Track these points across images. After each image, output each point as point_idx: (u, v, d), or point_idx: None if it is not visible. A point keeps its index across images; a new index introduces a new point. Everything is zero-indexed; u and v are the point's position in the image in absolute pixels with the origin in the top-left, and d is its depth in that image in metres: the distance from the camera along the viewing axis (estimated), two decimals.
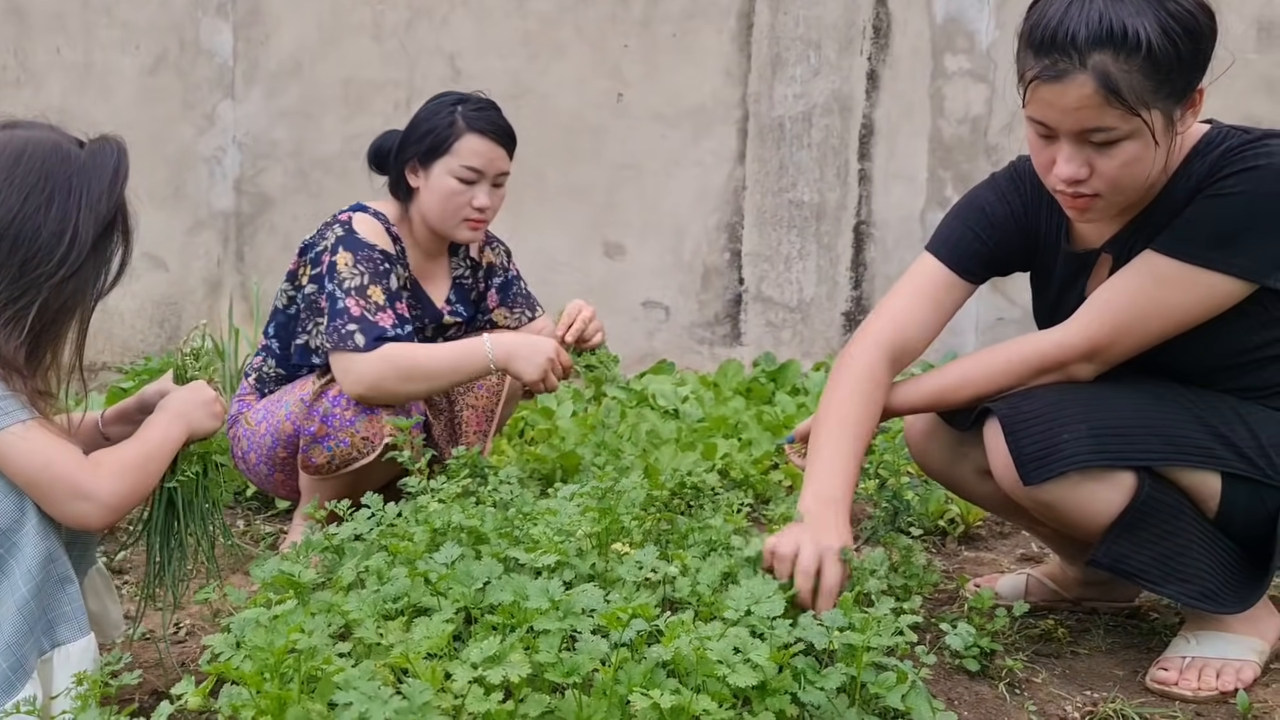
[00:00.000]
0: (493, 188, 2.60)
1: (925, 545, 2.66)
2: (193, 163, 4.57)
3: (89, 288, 1.62)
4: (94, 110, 4.54)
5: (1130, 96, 1.60)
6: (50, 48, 4.53)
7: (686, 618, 1.30)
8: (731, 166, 4.59)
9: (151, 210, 4.58)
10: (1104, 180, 1.69)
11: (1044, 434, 1.77)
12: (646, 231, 4.61)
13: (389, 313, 2.42)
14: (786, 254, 4.62)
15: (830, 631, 1.34)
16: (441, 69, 4.55)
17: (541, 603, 1.21)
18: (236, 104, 4.56)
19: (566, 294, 4.63)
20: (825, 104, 4.55)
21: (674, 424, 3.45)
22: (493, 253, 2.84)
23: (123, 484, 1.62)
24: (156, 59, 4.54)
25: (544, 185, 4.59)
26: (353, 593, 1.39)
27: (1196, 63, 1.64)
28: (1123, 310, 1.78)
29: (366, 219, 2.55)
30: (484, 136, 2.56)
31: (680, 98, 4.57)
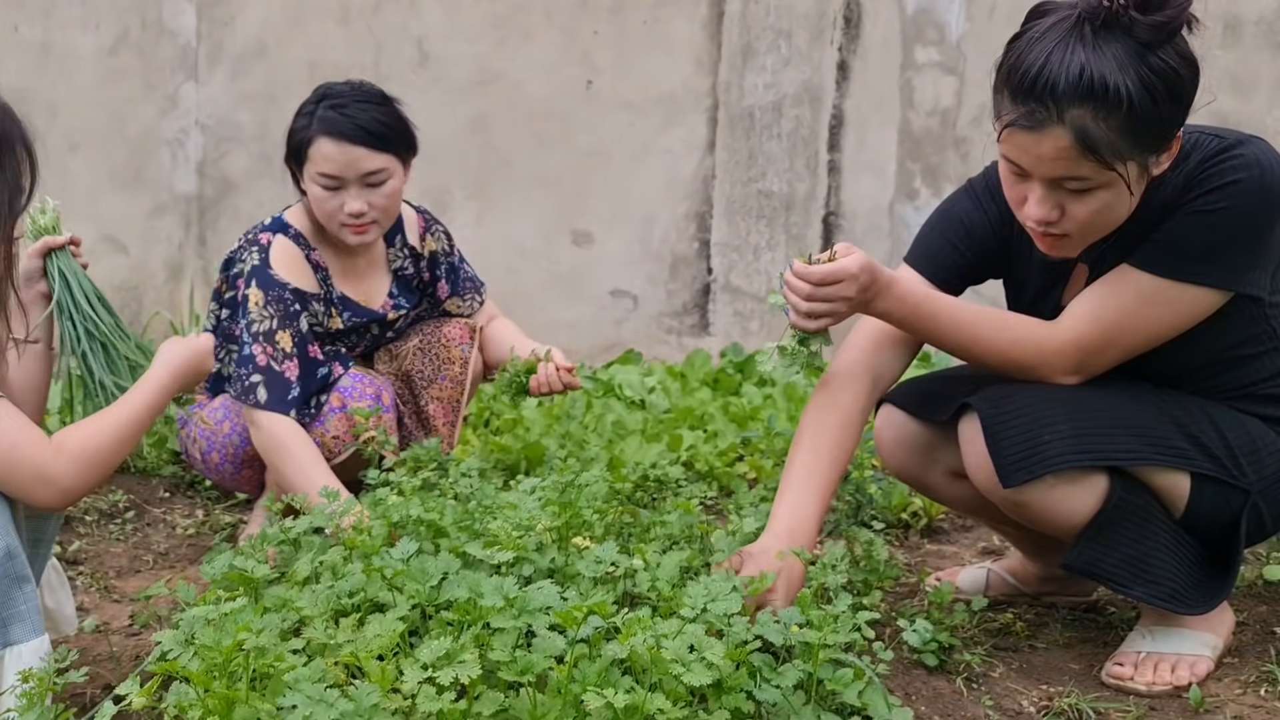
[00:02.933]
0: (368, 187, 2.42)
1: (888, 538, 2.67)
2: (154, 145, 4.50)
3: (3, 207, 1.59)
4: (53, 90, 4.46)
5: (1106, 152, 1.59)
6: (8, 25, 4.44)
7: (644, 614, 1.29)
8: (701, 155, 4.57)
9: (112, 193, 4.52)
10: (1075, 223, 1.69)
11: (1025, 435, 1.78)
12: (615, 220, 4.59)
13: (294, 362, 2.39)
14: (755, 244, 4.61)
15: (786, 629, 1.34)
16: (409, 52, 4.51)
17: (496, 600, 1.19)
18: (199, 86, 4.49)
19: (534, 282, 4.63)
20: (796, 94, 4.54)
21: (640, 415, 3.44)
22: (434, 239, 2.74)
23: (86, 470, 1.60)
24: (117, 38, 4.46)
25: (512, 172, 4.55)
26: (307, 589, 1.37)
27: (1176, 118, 1.63)
28: (1111, 325, 1.78)
29: (283, 245, 2.48)
30: (335, 139, 2.38)
31: (650, 86, 4.54)
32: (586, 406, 3.54)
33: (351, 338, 2.61)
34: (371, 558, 1.41)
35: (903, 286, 1.83)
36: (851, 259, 1.74)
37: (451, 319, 2.75)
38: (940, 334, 1.85)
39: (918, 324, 1.85)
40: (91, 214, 4.50)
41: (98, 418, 1.66)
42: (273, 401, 2.34)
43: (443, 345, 2.68)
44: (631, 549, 1.83)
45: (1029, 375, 1.85)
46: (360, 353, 2.67)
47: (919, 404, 2.05)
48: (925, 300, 1.85)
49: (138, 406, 1.69)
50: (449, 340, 2.68)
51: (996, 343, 1.85)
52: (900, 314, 1.83)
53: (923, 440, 2.05)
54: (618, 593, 1.58)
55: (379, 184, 2.43)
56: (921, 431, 2.05)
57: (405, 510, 1.68)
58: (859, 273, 1.74)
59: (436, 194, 4.56)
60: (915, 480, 2.14)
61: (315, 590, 1.35)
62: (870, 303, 1.79)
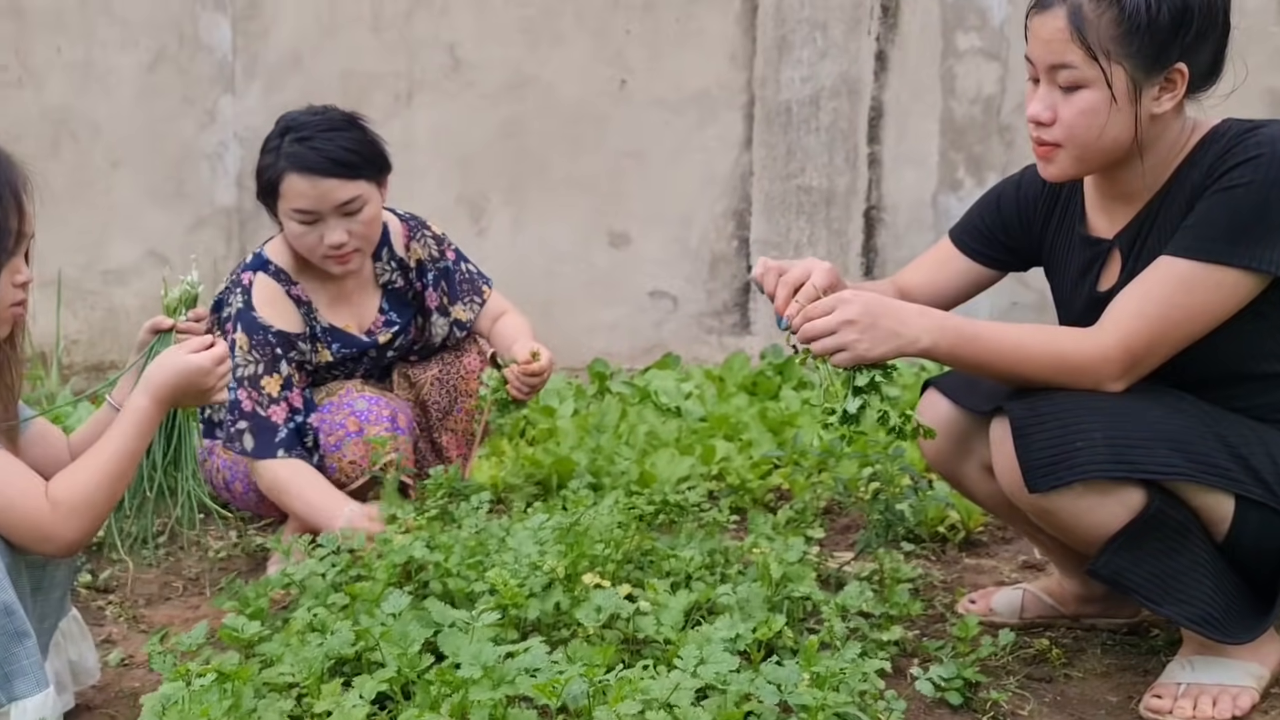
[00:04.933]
0: (344, 217, 2.37)
1: (924, 551, 2.60)
2: (194, 159, 4.54)
3: None
4: (95, 109, 4.52)
5: (1094, 39, 1.65)
6: (51, 46, 4.50)
7: (636, 673, 1.25)
8: (738, 152, 4.50)
9: (154, 208, 4.57)
10: (1063, 128, 1.71)
11: (1057, 440, 1.71)
12: (652, 220, 4.53)
13: (282, 406, 2.38)
14: (796, 240, 4.53)
15: (785, 689, 1.29)
16: (441, 59, 4.48)
17: (473, 671, 1.16)
18: (236, 99, 4.51)
19: (572, 285, 4.60)
20: (833, 87, 4.44)
21: (675, 423, 3.40)
22: (420, 246, 2.65)
23: (82, 520, 1.60)
24: (156, 55, 4.50)
25: (547, 175, 4.52)
26: (290, 649, 1.35)
27: (1176, 34, 1.64)
28: (1155, 318, 1.72)
29: (264, 284, 2.45)
30: (304, 174, 2.32)
31: (684, 83, 4.47)
32: (621, 415, 3.50)
33: (347, 365, 2.58)
34: (360, 616, 1.38)
35: (938, 314, 1.79)
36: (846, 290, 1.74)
37: (471, 350, 2.71)
38: (988, 356, 1.78)
39: (969, 349, 1.77)
40: (135, 229, 4.56)
41: (87, 461, 1.64)
42: (260, 448, 2.34)
43: (461, 377, 2.65)
44: (644, 583, 1.79)
45: (1079, 384, 1.78)
46: (362, 375, 2.64)
47: (963, 391, 2.00)
48: (967, 325, 1.79)
49: (124, 443, 1.66)
50: (467, 372, 2.65)
51: (1044, 356, 1.77)
52: (947, 343, 1.76)
53: (961, 429, 2.00)
54: (616, 642, 1.54)
55: (355, 212, 2.38)
56: (961, 420, 2.00)
57: (407, 554, 1.66)
58: (853, 296, 1.72)
59: (472, 199, 4.55)
60: (949, 472, 2.09)
61: (300, 652, 1.33)
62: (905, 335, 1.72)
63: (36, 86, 4.51)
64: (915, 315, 1.74)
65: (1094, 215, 1.92)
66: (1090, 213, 1.93)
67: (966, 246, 2.09)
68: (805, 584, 1.74)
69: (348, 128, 2.44)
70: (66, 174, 4.55)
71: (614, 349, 4.54)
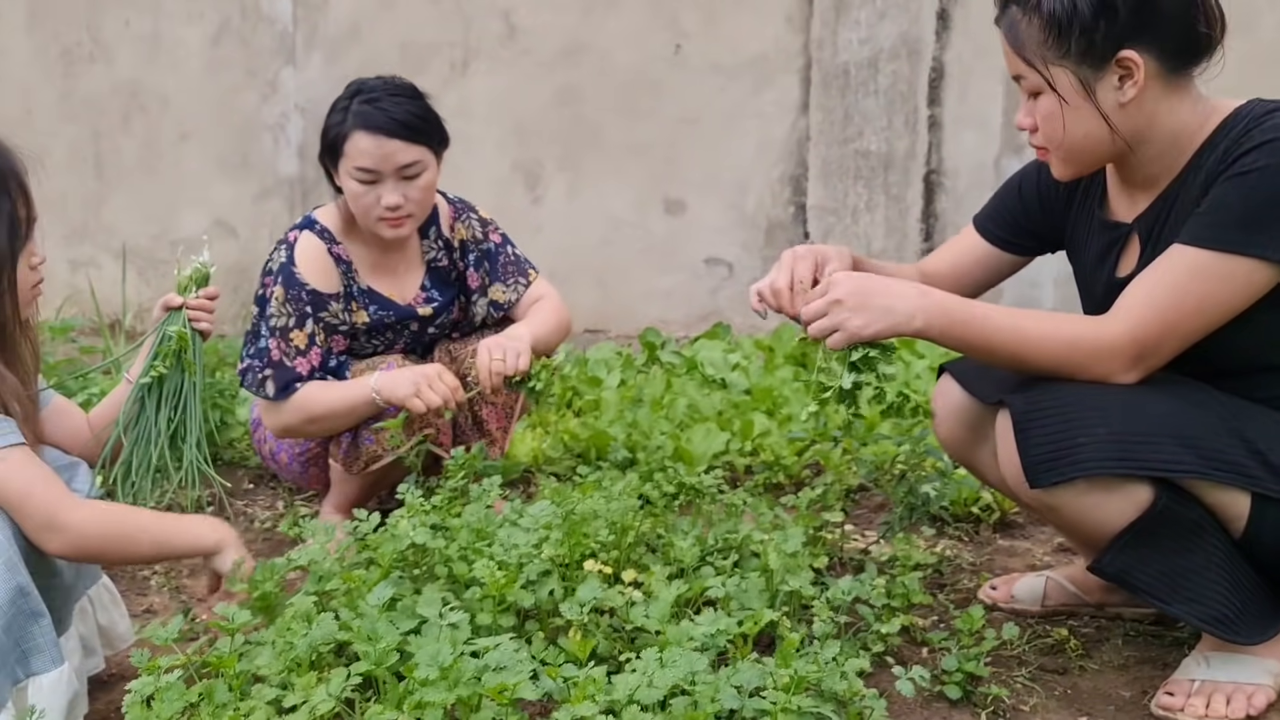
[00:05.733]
0: (403, 180, 2.42)
1: (957, 534, 2.57)
2: (257, 131, 4.63)
3: (4, 246, 1.64)
4: (164, 82, 4.64)
5: (1028, 48, 1.67)
6: (120, 21, 4.62)
7: (599, 673, 1.27)
8: (795, 117, 4.43)
9: (221, 179, 4.69)
10: (1040, 134, 1.72)
11: (1059, 434, 1.67)
12: (708, 187, 4.50)
13: (305, 359, 2.45)
14: (854, 206, 4.46)
15: (743, 694, 1.29)
16: (497, 26, 4.49)
17: (430, 671, 1.19)
18: (297, 70, 4.59)
19: (628, 252, 4.59)
20: (892, 48, 4.33)
21: (718, 395, 3.39)
22: (464, 227, 2.69)
23: (97, 531, 1.67)
24: (220, 28, 4.60)
25: (602, 142, 4.51)
26: (280, 641, 1.40)
27: (1102, 24, 1.61)
28: (1166, 308, 1.66)
29: (308, 243, 2.50)
30: (371, 133, 2.38)
31: (740, 47, 4.41)
32: (666, 386, 3.50)
33: (387, 335, 2.62)
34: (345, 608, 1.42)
35: (937, 295, 1.74)
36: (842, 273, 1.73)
37: (513, 326, 2.73)
38: (988, 339, 1.72)
39: (963, 331, 1.72)
40: (203, 200, 4.69)
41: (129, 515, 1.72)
42: (280, 392, 2.43)
43: None
44: (646, 566, 1.81)
45: (1086, 376, 1.72)
46: (403, 349, 2.68)
47: (975, 378, 1.97)
48: (965, 307, 1.74)
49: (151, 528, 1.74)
50: None
51: (1048, 343, 1.72)
52: (941, 325, 1.72)
53: (974, 416, 1.98)
54: (607, 633, 1.56)
55: (414, 176, 2.43)
56: (973, 407, 1.97)
57: (403, 542, 1.69)
58: (843, 278, 1.71)
59: (528, 167, 4.57)
60: (964, 457, 2.07)
61: (279, 644, 1.37)
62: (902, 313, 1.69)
63: (107, 60, 4.65)
64: (912, 295, 1.71)
65: (1115, 199, 1.86)
66: (1111, 196, 1.87)
67: (989, 233, 2.06)
68: (802, 575, 1.73)
69: (414, 95, 2.50)
70: (137, 146, 4.70)
71: (669, 316, 4.54)
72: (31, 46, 4.64)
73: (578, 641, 1.36)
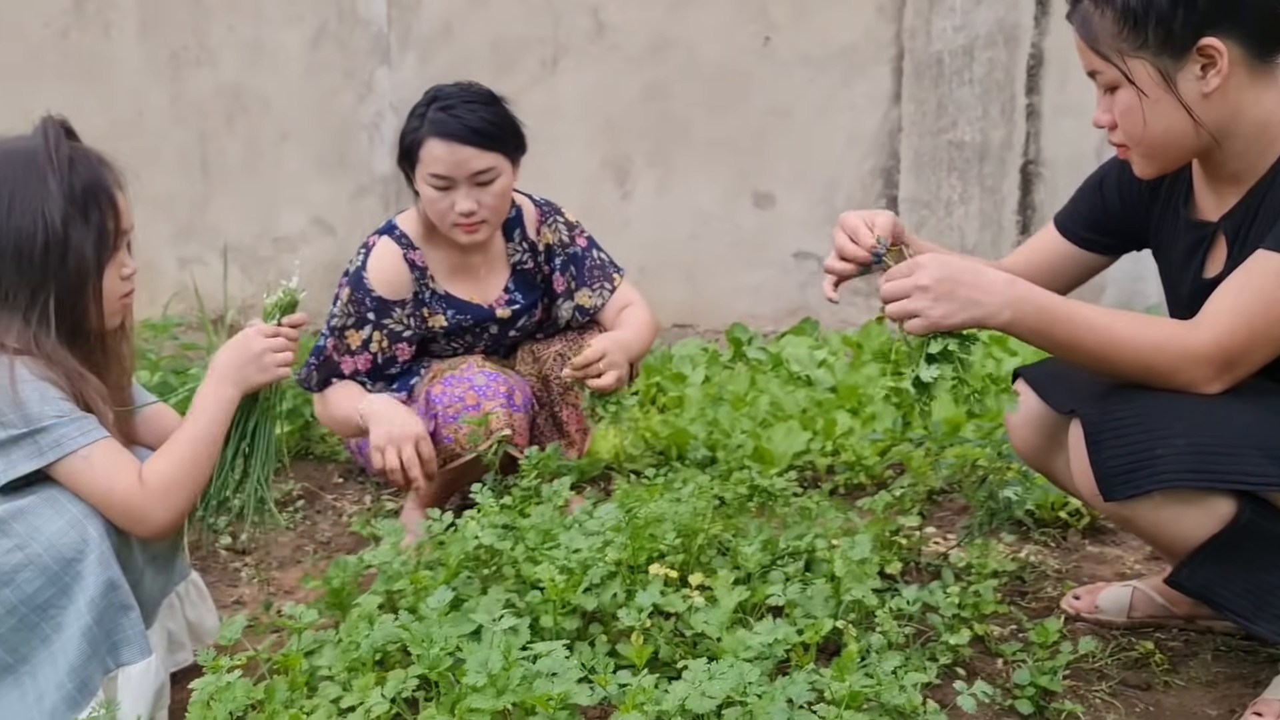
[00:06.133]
0: (476, 187, 2.45)
1: (1043, 539, 2.50)
2: (354, 130, 4.74)
3: (90, 259, 1.68)
4: (265, 84, 4.78)
5: (1103, 42, 1.61)
6: (224, 26, 4.77)
7: (648, 683, 1.27)
8: (886, 108, 4.35)
9: (319, 178, 4.81)
10: (1120, 130, 1.66)
11: (1134, 445, 1.61)
12: (797, 180, 4.46)
13: (352, 359, 2.54)
14: (947, 198, 4.36)
15: (793, 708, 1.27)
16: (585, 23, 4.51)
17: (478, 678, 1.21)
18: (392, 70, 4.68)
19: (716, 247, 4.58)
20: (988, 35, 4.22)
21: (803, 393, 3.36)
22: (550, 231, 2.70)
23: (173, 501, 1.72)
24: (318, 31, 4.71)
25: (690, 137, 4.50)
26: (345, 640, 1.43)
27: (1188, 15, 1.55)
28: (1254, 314, 1.59)
29: (384, 250, 2.55)
30: (445, 140, 2.41)
31: (830, 38, 4.35)
32: (750, 383, 3.48)
33: (466, 337, 2.66)
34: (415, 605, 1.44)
35: (1023, 287, 1.65)
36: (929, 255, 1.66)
37: (595, 328, 2.74)
38: (1077, 338, 1.65)
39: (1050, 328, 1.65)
40: (302, 199, 4.82)
41: (169, 448, 1.76)
42: (320, 384, 2.55)
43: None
44: (714, 570, 1.80)
45: (1171, 384, 1.66)
46: (484, 351, 2.72)
47: (1049, 385, 1.90)
48: (1055, 303, 1.66)
49: (197, 428, 1.78)
50: None
51: (1134, 347, 1.65)
52: (1028, 321, 1.64)
53: (1048, 423, 1.91)
54: (669, 638, 1.56)
55: (488, 183, 2.46)
56: (1048, 414, 1.90)
57: (478, 539, 1.72)
58: (929, 261, 1.62)
59: (617, 163, 4.58)
60: (1040, 465, 2.01)
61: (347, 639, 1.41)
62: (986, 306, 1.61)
63: (212, 64, 4.80)
64: (1001, 285, 1.62)
65: (1201, 197, 1.78)
66: (1197, 194, 1.79)
67: (1070, 232, 1.99)
68: (867, 583, 1.71)
69: (490, 102, 2.53)
70: (240, 147, 4.85)
71: (758, 311, 4.51)
72: (143, 53, 4.82)
73: (636, 647, 1.36)
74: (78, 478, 1.65)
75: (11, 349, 1.62)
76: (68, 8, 4.85)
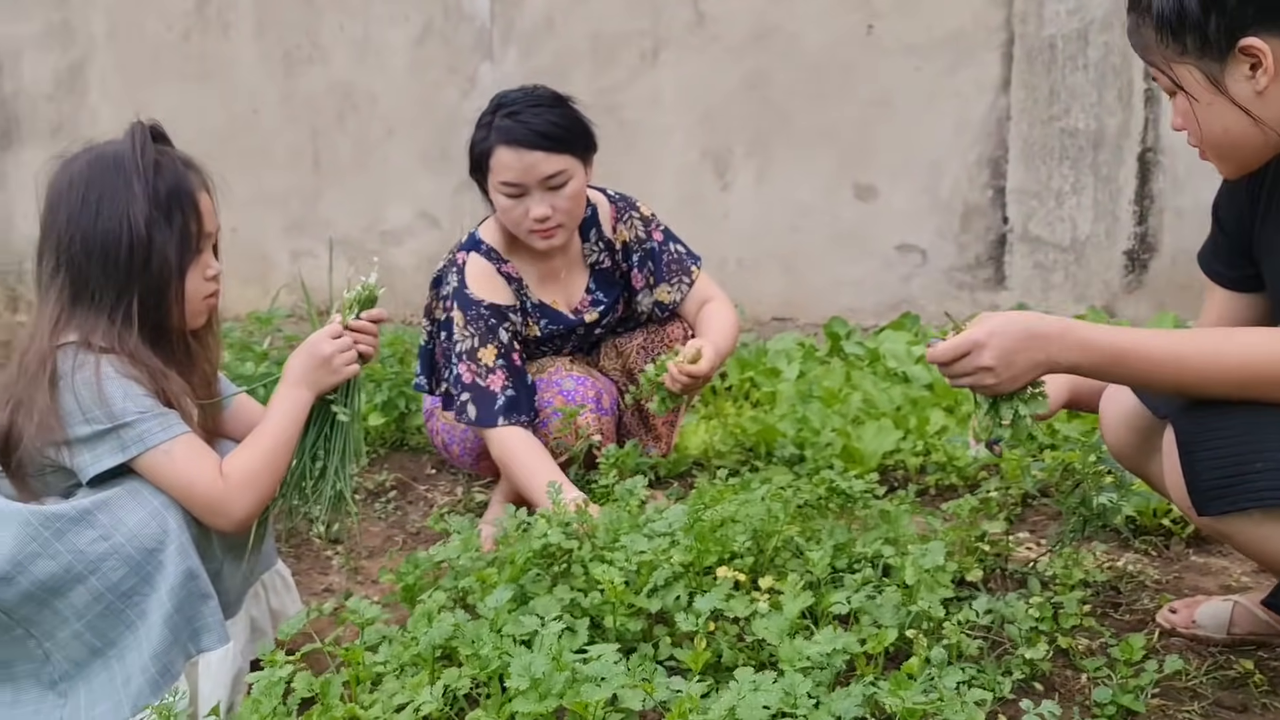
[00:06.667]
0: (548, 191, 2.42)
1: (1144, 548, 2.39)
2: (457, 125, 4.79)
3: (172, 261, 1.73)
4: (373, 81, 4.88)
5: (1151, 53, 1.62)
6: (335, 25, 4.89)
7: (695, 691, 1.25)
8: (994, 96, 4.21)
9: (423, 172, 4.90)
10: (1189, 133, 1.65)
11: (1231, 459, 1.52)
12: (900, 171, 4.35)
13: (499, 374, 2.45)
14: (1058, 189, 4.20)
15: None
16: (686, 15, 4.48)
17: (522, 681, 1.21)
18: (494, 65, 4.73)
19: (817, 239, 4.50)
20: (1104, 18, 4.05)
21: (898, 390, 3.28)
22: (626, 229, 2.68)
23: (252, 494, 1.78)
24: (424, 29, 4.79)
25: (791, 127, 4.43)
26: (385, 642, 1.45)
27: (1220, 19, 1.53)
28: None
29: (476, 264, 2.54)
30: (512, 147, 2.39)
31: (936, 25, 4.22)
32: (845, 379, 3.42)
33: (555, 341, 2.66)
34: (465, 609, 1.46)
35: (1082, 332, 1.61)
36: (979, 327, 1.60)
37: (676, 319, 2.73)
38: (1144, 376, 1.59)
39: (1116, 371, 1.61)
40: (408, 193, 4.92)
41: (249, 443, 1.81)
42: (482, 416, 2.44)
43: (665, 345, 2.67)
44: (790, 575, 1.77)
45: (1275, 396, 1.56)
46: (570, 351, 2.72)
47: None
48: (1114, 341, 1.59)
49: (280, 426, 1.83)
50: (671, 339, 2.67)
51: (1220, 366, 1.55)
52: (1091, 363, 1.60)
53: (1144, 423, 1.81)
54: (731, 643, 1.54)
55: (560, 186, 2.43)
56: (1144, 413, 1.81)
57: (545, 537, 1.72)
58: (986, 339, 1.58)
59: (716, 154, 4.54)
60: (1135, 467, 1.91)
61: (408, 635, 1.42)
62: (1045, 362, 1.60)
63: (324, 62, 4.93)
64: (1056, 336, 1.59)
65: None
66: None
67: (1215, 273, 1.85)
68: (938, 592, 1.65)
69: (555, 105, 2.50)
70: (351, 143, 4.97)
71: (859, 305, 4.43)
72: (258, 52, 4.98)
73: (694, 652, 1.35)
74: (160, 471, 1.71)
75: (98, 348, 1.69)
76: (189, 10, 5.04)
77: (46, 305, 1.70)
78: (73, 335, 1.69)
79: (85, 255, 1.68)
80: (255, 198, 5.02)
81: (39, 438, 1.65)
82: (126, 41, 5.08)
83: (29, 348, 1.69)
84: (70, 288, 1.70)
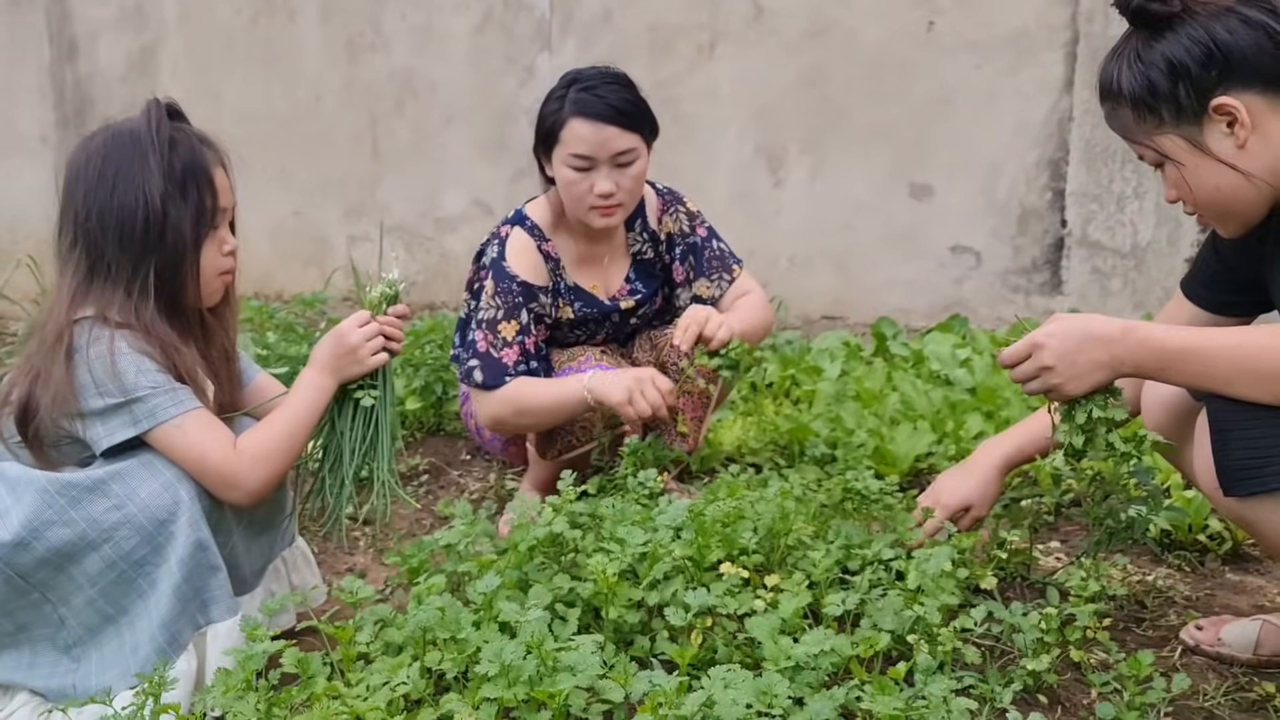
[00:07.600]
0: (616, 168, 2.43)
1: (1177, 563, 2.33)
2: (515, 115, 4.84)
3: (187, 235, 1.76)
4: (433, 70, 4.93)
5: (1131, 132, 1.68)
6: (398, 14, 4.95)
7: (670, 687, 1.25)
8: (1056, 97, 4.12)
9: (480, 161, 4.94)
10: (1183, 203, 1.70)
11: (1266, 439, 1.52)
12: (956, 171, 4.28)
13: (514, 349, 2.46)
14: (1119, 192, 4.10)
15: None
16: (743, 8, 4.45)
17: (491, 667, 1.21)
18: (553, 56, 4.74)
19: (870, 238, 4.45)
20: None
21: (939, 392, 3.23)
22: (671, 220, 2.68)
23: (265, 470, 1.81)
24: (483, 18, 4.83)
25: (847, 124, 4.38)
26: (365, 627, 1.46)
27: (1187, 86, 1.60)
28: None
29: (519, 238, 2.54)
30: (588, 119, 2.39)
31: (998, 23, 4.14)
32: (886, 379, 3.37)
33: (589, 327, 2.66)
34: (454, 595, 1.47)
35: (1144, 332, 1.62)
36: (1042, 329, 1.65)
37: (700, 303, 2.71)
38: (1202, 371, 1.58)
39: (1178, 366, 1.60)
40: (464, 181, 4.96)
41: (269, 422, 1.84)
42: (489, 381, 2.46)
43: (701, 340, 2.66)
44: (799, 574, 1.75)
45: None
46: (603, 340, 2.72)
47: None
48: (1172, 338, 1.60)
49: (300, 408, 1.86)
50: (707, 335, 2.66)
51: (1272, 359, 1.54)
52: (1156, 363, 1.61)
53: (1185, 409, 1.79)
54: (719, 640, 1.53)
55: (627, 164, 2.44)
56: (1184, 400, 1.79)
57: (548, 526, 1.73)
58: (1046, 340, 1.63)
59: (771, 150, 4.51)
60: (1174, 457, 1.88)
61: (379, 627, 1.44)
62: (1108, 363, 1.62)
63: (386, 50, 4.99)
64: (1117, 337, 1.62)
65: None
66: None
67: (1196, 295, 1.88)
68: (941, 598, 1.62)
69: (628, 84, 2.53)
70: (409, 130, 5.03)
71: (910, 305, 4.37)
72: (322, 38, 5.06)
73: (683, 648, 1.34)
74: (172, 444, 1.75)
75: (114, 322, 1.73)
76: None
77: (64, 279, 1.74)
78: (89, 309, 1.74)
79: (101, 230, 1.73)
80: (316, 182, 5.11)
81: (54, 409, 1.70)
82: (197, 26, 5.19)
83: (48, 320, 1.74)
84: (87, 262, 1.74)
